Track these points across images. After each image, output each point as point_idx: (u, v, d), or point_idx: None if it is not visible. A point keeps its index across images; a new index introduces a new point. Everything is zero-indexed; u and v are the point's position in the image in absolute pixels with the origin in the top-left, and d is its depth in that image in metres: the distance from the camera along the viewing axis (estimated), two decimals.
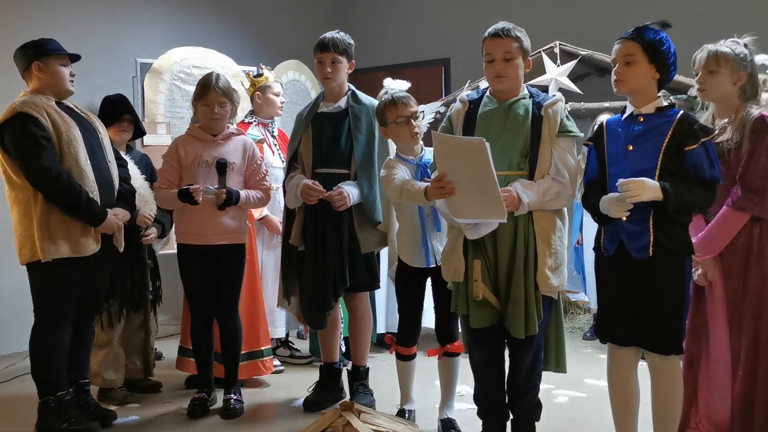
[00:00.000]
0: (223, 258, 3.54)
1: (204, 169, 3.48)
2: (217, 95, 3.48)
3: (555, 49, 5.14)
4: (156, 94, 5.12)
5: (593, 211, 2.67)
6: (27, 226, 3.17)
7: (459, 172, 2.62)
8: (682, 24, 5.43)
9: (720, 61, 2.74)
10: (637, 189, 2.44)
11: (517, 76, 2.78)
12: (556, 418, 3.43)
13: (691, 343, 2.83)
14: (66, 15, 5.07)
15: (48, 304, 3.23)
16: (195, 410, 3.55)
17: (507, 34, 2.74)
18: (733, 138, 2.72)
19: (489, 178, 2.53)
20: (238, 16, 6.48)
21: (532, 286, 2.69)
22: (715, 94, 2.79)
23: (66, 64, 3.31)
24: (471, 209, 2.66)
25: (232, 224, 3.53)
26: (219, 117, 3.50)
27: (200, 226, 3.48)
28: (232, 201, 3.45)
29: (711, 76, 2.76)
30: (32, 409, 3.33)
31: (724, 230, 2.71)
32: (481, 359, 2.85)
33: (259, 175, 3.61)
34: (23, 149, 3.12)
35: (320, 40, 3.50)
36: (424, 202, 2.90)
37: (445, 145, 2.69)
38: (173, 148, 3.56)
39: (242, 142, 3.61)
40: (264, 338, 4.07)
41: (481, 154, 2.51)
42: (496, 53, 2.75)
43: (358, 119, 3.50)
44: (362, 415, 3.09)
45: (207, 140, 3.54)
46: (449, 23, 7.03)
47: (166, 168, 3.53)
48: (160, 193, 3.54)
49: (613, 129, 2.68)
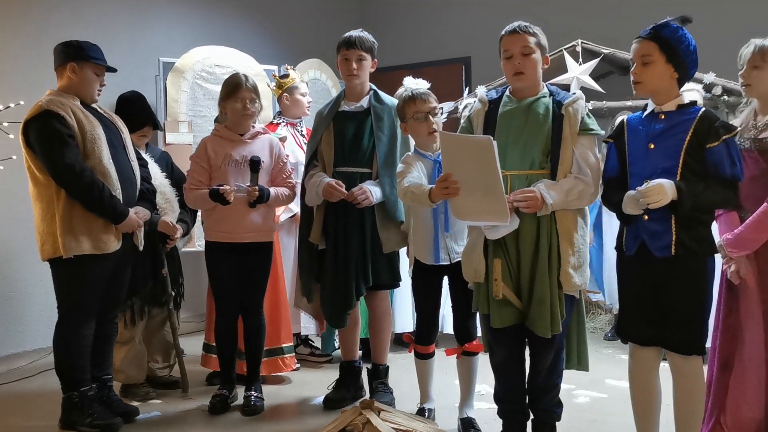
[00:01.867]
0: (252, 256, 3.57)
1: (233, 168, 3.51)
2: (248, 92, 3.52)
3: (577, 48, 5.11)
4: (178, 93, 5.16)
5: (617, 210, 2.65)
6: (49, 222, 3.21)
7: (464, 172, 2.61)
8: (712, 20, 5.40)
9: (766, 56, 2.70)
10: (657, 194, 2.42)
11: (535, 72, 2.77)
12: (577, 418, 3.41)
13: (725, 344, 2.80)
14: (89, 14, 5.12)
15: (71, 301, 3.27)
16: (216, 407, 3.58)
17: (524, 30, 2.74)
18: None
19: (495, 177, 2.52)
20: (259, 16, 6.51)
21: (555, 285, 2.67)
22: (759, 89, 2.75)
23: (99, 73, 3.36)
24: (474, 211, 2.66)
25: (261, 222, 3.55)
26: (251, 113, 3.54)
27: (231, 224, 3.51)
28: (264, 198, 3.48)
29: (756, 72, 2.72)
30: (56, 404, 3.38)
31: (762, 228, 2.65)
32: (501, 358, 2.84)
33: (285, 173, 3.64)
34: (48, 146, 3.16)
35: (346, 38, 3.51)
36: (428, 204, 2.89)
37: (452, 145, 2.68)
38: (202, 148, 3.58)
39: (269, 141, 3.64)
40: (286, 335, 4.10)
41: (488, 153, 2.50)
42: (514, 49, 2.74)
43: (381, 119, 3.50)
44: (382, 413, 3.09)
45: (235, 140, 3.56)
46: (470, 22, 7.01)
47: (196, 168, 3.55)
48: (191, 194, 3.55)
49: (634, 127, 2.66)
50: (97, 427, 3.26)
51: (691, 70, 2.58)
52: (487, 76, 5.70)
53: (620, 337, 2.77)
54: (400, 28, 7.34)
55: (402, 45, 7.18)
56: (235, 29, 6.18)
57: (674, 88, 2.59)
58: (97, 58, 3.34)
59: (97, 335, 3.36)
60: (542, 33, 2.79)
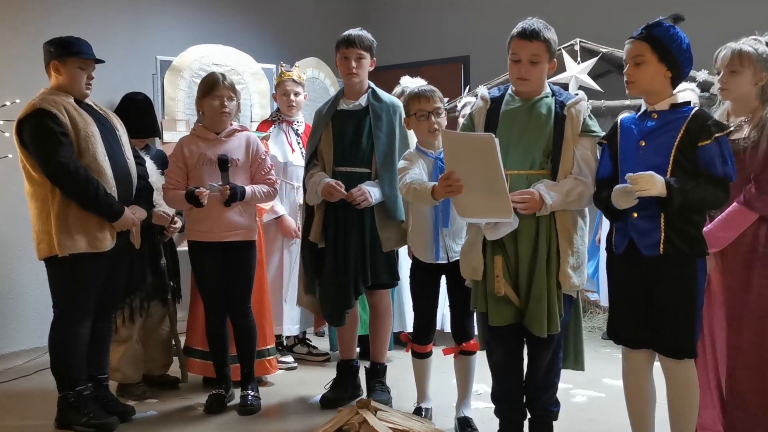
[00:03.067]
0: (234, 255, 3.55)
1: (208, 168, 3.49)
2: (226, 90, 3.51)
3: (575, 47, 5.11)
4: (176, 92, 5.15)
5: (605, 207, 2.63)
6: (44, 221, 3.20)
7: (467, 169, 2.61)
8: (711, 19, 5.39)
9: (743, 61, 2.71)
10: (646, 183, 2.39)
11: (541, 78, 2.75)
12: (575, 417, 3.40)
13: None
14: (87, 12, 5.11)
15: (66, 300, 3.26)
16: (212, 406, 3.57)
17: (536, 37, 2.68)
18: (750, 137, 2.69)
19: (497, 174, 2.51)
20: (257, 14, 6.50)
21: (554, 285, 2.67)
22: (735, 93, 2.77)
23: (85, 67, 3.30)
24: (477, 208, 2.65)
25: (241, 221, 3.53)
26: (228, 111, 3.53)
27: (209, 224, 3.50)
28: (237, 197, 3.46)
29: (733, 76, 2.73)
30: (52, 403, 3.36)
31: (732, 226, 2.69)
32: (499, 357, 2.84)
33: (265, 170, 3.61)
34: (41, 145, 3.15)
35: (346, 36, 3.50)
36: (431, 202, 2.88)
37: (453, 143, 2.68)
38: (178, 148, 3.58)
39: (245, 138, 3.61)
40: (269, 337, 4.05)
41: (490, 150, 2.50)
42: (522, 55, 2.70)
43: (379, 118, 3.49)
44: (379, 412, 3.08)
45: (210, 138, 3.55)
46: (469, 21, 7.01)
47: (173, 168, 3.55)
48: (168, 194, 3.55)
49: (626, 126, 2.66)
50: (93, 427, 3.25)
51: (685, 69, 2.57)
52: (486, 75, 5.70)
53: (611, 339, 2.77)
54: (400, 27, 7.34)
55: (401, 44, 7.17)
56: (234, 28, 6.17)
57: (668, 88, 2.58)
58: (80, 51, 3.29)
59: (93, 334, 3.35)
60: (554, 35, 2.73)
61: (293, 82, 4.41)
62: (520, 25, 2.74)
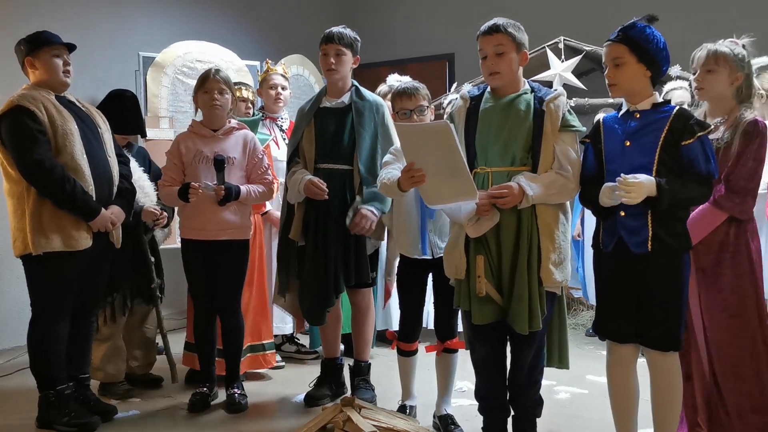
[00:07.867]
0: (226, 254, 3.53)
1: (204, 165, 3.48)
2: (216, 83, 3.49)
3: (559, 45, 5.12)
4: (159, 89, 5.12)
5: (593, 207, 2.66)
6: (20, 218, 3.17)
7: (427, 159, 2.64)
8: (694, 17, 5.42)
9: (719, 60, 2.74)
10: (636, 193, 2.43)
11: (511, 70, 2.76)
12: (558, 414, 3.41)
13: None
14: (68, 8, 5.07)
15: (44, 298, 3.23)
16: (196, 405, 3.55)
17: (497, 29, 2.73)
18: (724, 137, 2.73)
19: (457, 160, 2.55)
20: (241, 11, 6.47)
21: (536, 282, 2.67)
22: (711, 93, 2.80)
23: (59, 54, 3.26)
24: (443, 194, 2.68)
25: (235, 220, 3.52)
26: (219, 104, 3.50)
27: (202, 221, 3.48)
28: (232, 197, 3.44)
29: (709, 75, 2.77)
30: (33, 402, 3.33)
31: (702, 225, 2.72)
32: (482, 355, 2.84)
33: (261, 169, 3.59)
34: (17, 142, 3.11)
35: (326, 33, 3.51)
36: (399, 194, 2.91)
37: (409, 134, 2.71)
38: (175, 145, 3.56)
39: (243, 137, 3.59)
40: (267, 332, 4.08)
41: (447, 137, 2.53)
42: (487, 49, 2.74)
43: (362, 115, 3.49)
44: (363, 410, 3.08)
45: (207, 135, 3.53)
46: (454, 18, 7.01)
47: (169, 165, 3.53)
48: (163, 191, 3.54)
49: (609, 125, 2.68)
50: (75, 426, 3.22)
51: (663, 67, 2.61)
52: (471, 72, 5.68)
53: (598, 334, 2.78)
54: (384, 24, 7.33)
55: (386, 41, 7.16)
56: (217, 24, 6.14)
57: (648, 87, 2.61)
58: (49, 41, 3.25)
59: (74, 334, 3.32)
60: (520, 30, 2.76)
61: (281, 76, 4.41)
62: (483, 25, 2.78)
